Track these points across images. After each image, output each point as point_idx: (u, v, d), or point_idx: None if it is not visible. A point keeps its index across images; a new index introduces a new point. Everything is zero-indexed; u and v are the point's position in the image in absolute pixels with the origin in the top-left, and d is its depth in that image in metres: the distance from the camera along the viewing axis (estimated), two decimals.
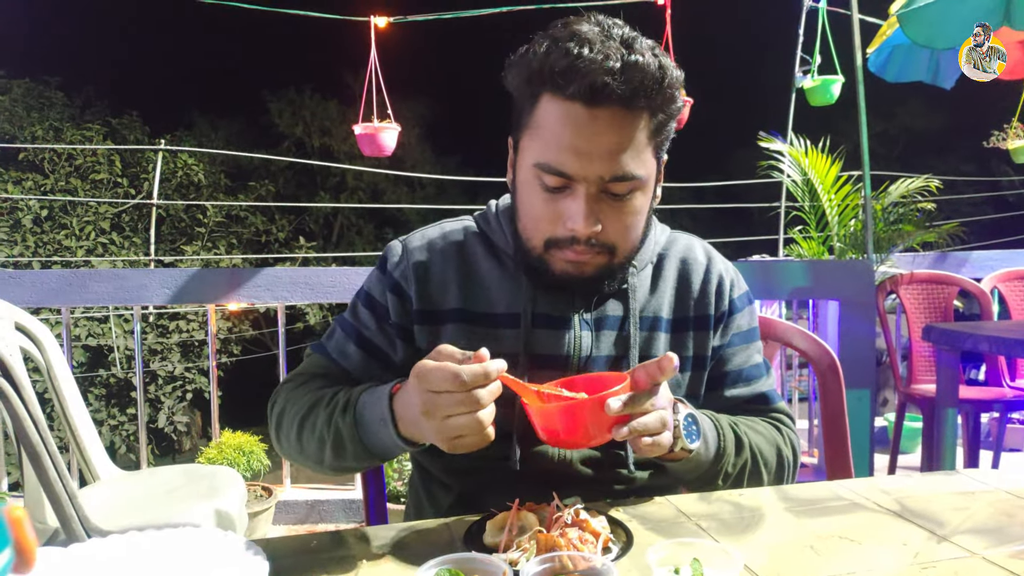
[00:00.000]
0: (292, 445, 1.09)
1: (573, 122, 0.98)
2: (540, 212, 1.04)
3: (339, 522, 3.61)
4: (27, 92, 11.11)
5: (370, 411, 0.98)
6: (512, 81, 1.05)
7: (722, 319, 1.20)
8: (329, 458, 1.04)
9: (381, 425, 0.96)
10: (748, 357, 1.22)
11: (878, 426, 4.35)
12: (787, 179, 4.77)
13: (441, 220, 1.26)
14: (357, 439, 0.99)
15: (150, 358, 9.52)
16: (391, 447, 0.97)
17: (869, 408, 3.32)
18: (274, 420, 1.14)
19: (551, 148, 1.00)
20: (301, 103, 15.93)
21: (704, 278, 1.20)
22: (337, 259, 14.41)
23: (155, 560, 0.80)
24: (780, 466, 1.16)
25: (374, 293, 1.19)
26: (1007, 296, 3.71)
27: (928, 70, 3.92)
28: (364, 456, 1.01)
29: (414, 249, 1.19)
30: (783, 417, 1.22)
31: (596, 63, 0.95)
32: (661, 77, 0.98)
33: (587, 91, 0.96)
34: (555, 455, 1.12)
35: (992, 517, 0.98)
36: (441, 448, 0.88)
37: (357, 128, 4.44)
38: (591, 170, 0.99)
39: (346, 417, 1.00)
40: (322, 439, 1.03)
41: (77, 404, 2.23)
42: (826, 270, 3.57)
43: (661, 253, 1.21)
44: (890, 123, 17.33)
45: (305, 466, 1.12)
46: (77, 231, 10.12)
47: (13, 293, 3.23)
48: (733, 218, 12.82)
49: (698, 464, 1.05)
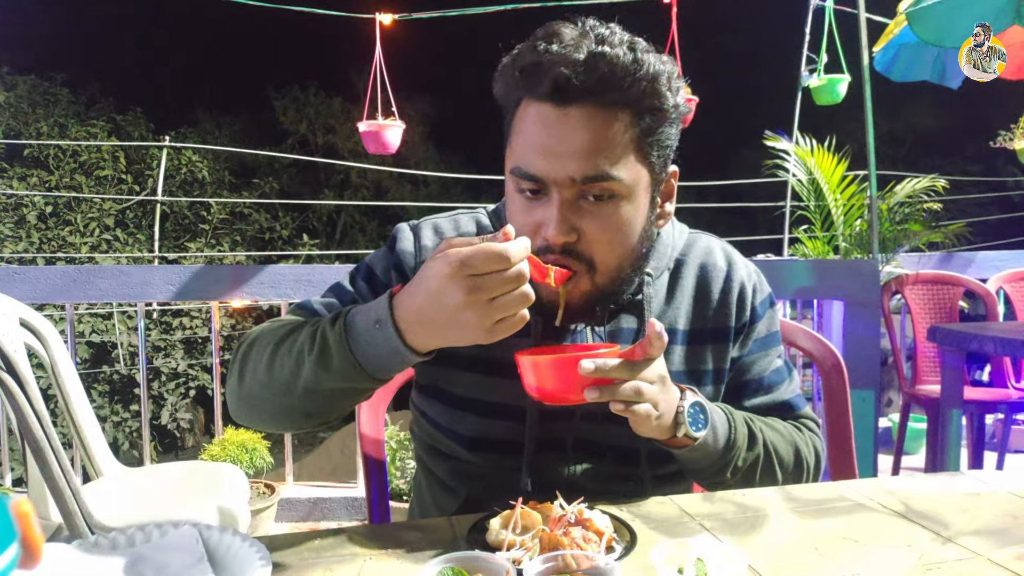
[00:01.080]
0: (260, 372, 0.97)
1: (543, 122, 0.94)
2: (521, 223, 0.98)
3: (341, 520, 3.62)
4: (32, 88, 11.15)
5: (363, 316, 0.90)
6: (498, 91, 1.02)
7: (743, 330, 1.15)
8: (305, 381, 0.92)
9: (377, 329, 0.87)
10: (768, 363, 1.18)
11: (882, 427, 4.35)
12: (792, 178, 4.76)
13: (454, 210, 1.22)
14: (346, 351, 0.89)
15: (154, 355, 9.54)
16: (388, 355, 0.88)
17: (873, 408, 3.32)
18: (242, 350, 1.03)
19: (524, 152, 0.96)
20: (305, 100, 15.96)
21: (724, 287, 1.15)
22: (340, 257, 14.41)
23: (157, 557, 0.80)
24: (798, 466, 1.13)
25: (376, 269, 1.15)
26: (1013, 297, 3.70)
27: (934, 69, 3.91)
28: (351, 374, 0.89)
29: (424, 234, 1.15)
30: (808, 422, 1.19)
31: (559, 57, 0.91)
32: (635, 70, 0.92)
33: (551, 88, 0.92)
34: (564, 472, 1.10)
35: (997, 519, 0.97)
36: (476, 339, 0.84)
37: (361, 125, 4.44)
38: (561, 171, 0.93)
39: (335, 326, 0.90)
40: (300, 357, 0.92)
41: (81, 400, 2.24)
42: (831, 270, 3.56)
43: (679, 259, 1.16)
44: (896, 123, 17.28)
45: (262, 407, 1.00)
46: (81, 227, 10.14)
47: (18, 289, 3.24)
48: (738, 217, 12.79)
49: (706, 454, 1.03)
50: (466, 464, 1.14)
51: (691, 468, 1.08)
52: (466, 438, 1.12)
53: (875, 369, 3.44)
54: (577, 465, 1.11)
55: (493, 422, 1.10)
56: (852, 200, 4.35)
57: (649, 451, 1.10)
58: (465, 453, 1.13)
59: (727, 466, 1.05)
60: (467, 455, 1.13)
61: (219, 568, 0.79)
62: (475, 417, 1.10)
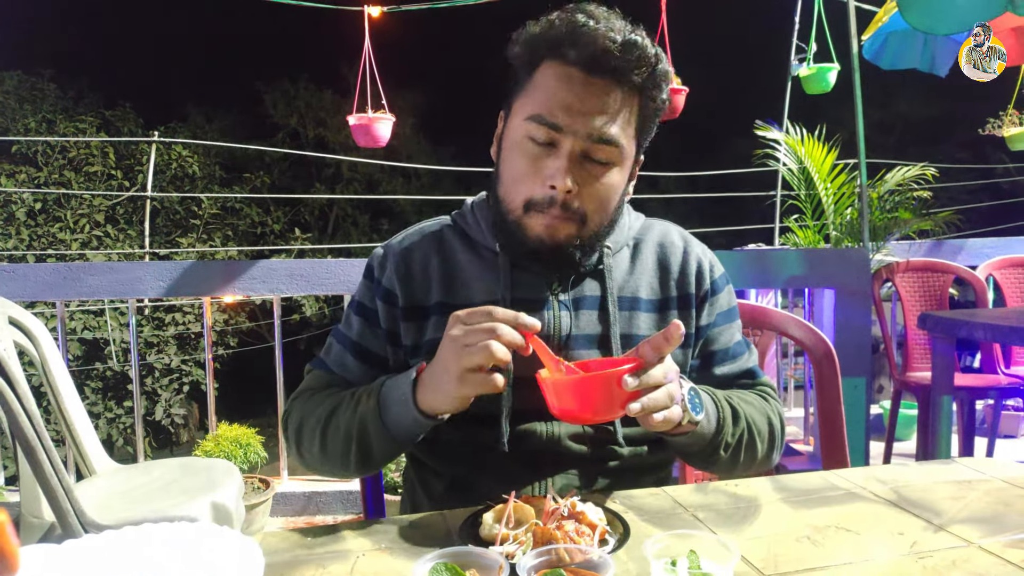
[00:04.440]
0: (316, 453, 1.12)
1: (570, 83, 1.05)
2: (523, 170, 1.09)
3: (336, 514, 3.62)
4: (19, 84, 11.03)
5: (393, 391, 1.04)
6: (515, 50, 1.11)
7: (705, 298, 1.23)
8: (355, 454, 1.07)
9: (402, 404, 1.01)
10: (732, 336, 1.26)
11: (873, 413, 4.37)
12: (783, 168, 4.77)
13: (420, 223, 1.30)
14: (379, 422, 1.04)
15: (146, 351, 9.51)
16: (410, 425, 1.02)
17: (865, 396, 3.34)
18: (293, 435, 1.16)
19: (546, 103, 1.06)
20: (296, 94, 15.86)
21: (683, 259, 1.24)
22: (333, 251, 14.37)
23: (150, 556, 0.80)
24: (771, 435, 1.19)
25: (364, 301, 1.23)
26: (1002, 284, 3.72)
27: (923, 57, 3.90)
28: (387, 441, 1.05)
29: (395, 251, 1.23)
30: (768, 389, 1.26)
31: (600, 32, 1.03)
32: (655, 63, 1.07)
33: (588, 58, 1.04)
34: (543, 434, 1.13)
35: (989, 506, 0.98)
36: (449, 387, 0.94)
37: (351, 119, 4.41)
38: (580, 126, 1.05)
39: (370, 400, 1.05)
40: (348, 434, 1.06)
41: (72, 398, 2.23)
42: (822, 259, 3.57)
43: (637, 238, 1.25)
44: (886, 111, 17.31)
45: (332, 474, 1.15)
46: (71, 224, 10.07)
47: (7, 287, 3.23)
48: (728, 207, 12.80)
49: (701, 436, 1.06)
50: (450, 446, 1.17)
51: (687, 451, 1.11)
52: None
53: (866, 357, 3.46)
54: (554, 426, 1.14)
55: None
56: (842, 189, 4.36)
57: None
58: (446, 428, 1.14)
59: (719, 445, 1.09)
60: (448, 430, 1.14)
61: (213, 567, 0.79)
62: None
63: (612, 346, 1.14)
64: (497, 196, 1.14)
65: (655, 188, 13.88)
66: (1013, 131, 5.09)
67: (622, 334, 1.16)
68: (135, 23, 18.89)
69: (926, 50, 3.86)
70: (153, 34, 19.22)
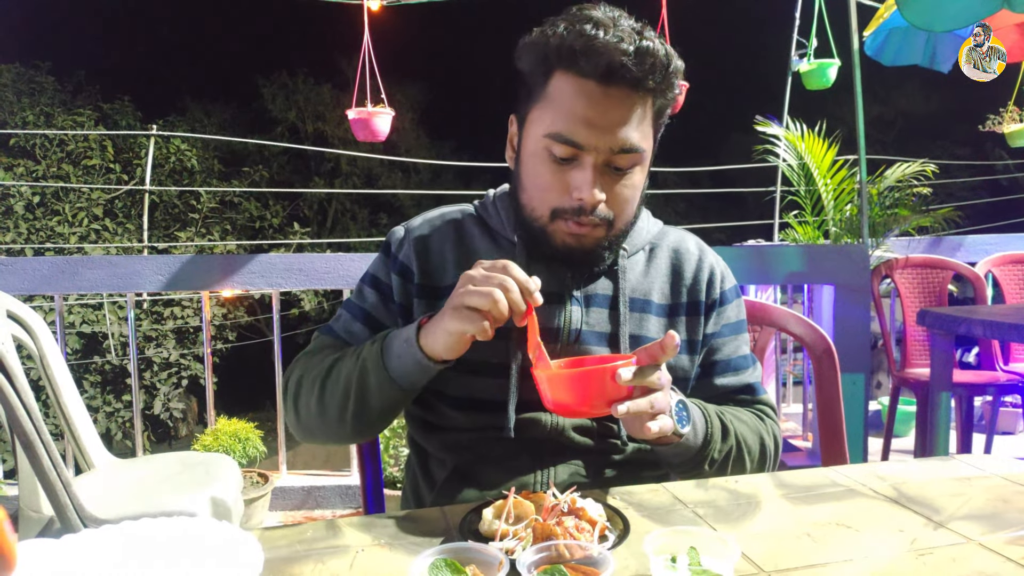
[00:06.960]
0: (313, 406, 1.12)
1: (587, 97, 1.05)
2: (547, 182, 1.10)
3: (335, 508, 3.62)
4: (17, 77, 11.00)
5: (398, 336, 1.06)
6: (525, 59, 1.11)
7: (713, 307, 1.24)
8: (353, 404, 1.08)
9: (405, 343, 1.03)
10: (737, 348, 1.26)
11: (872, 409, 4.38)
12: (783, 163, 4.76)
13: (441, 208, 1.31)
14: (381, 363, 1.05)
15: (145, 345, 9.49)
16: (412, 368, 1.03)
17: (864, 392, 3.34)
18: (292, 389, 1.17)
19: (564, 120, 1.06)
20: (294, 88, 15.84)
21: (696, 267, 1.24)
22: (331, 245, 14.37)
23: (149, 551, 0.80)
24: (763, 455, 1.19)
25: (379, 275, 1.24)
26: (1001, 280, 3.72)
27: (924, 54, 3.90)
28: (387, 385, 1.05)
29: (415, 230, 1.25)
30: (767, 409, 1.26)
31: (612, 45, 1.02)
32: (667, 64, 1.07)
33: (603, 70, 1.03)
34: (548, 423, 1.15)
35: (989, 503, 0.98)
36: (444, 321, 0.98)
37: (351, 113, 4.40)
38: (602, 141, 1.06)
39: (374, 345, 1.07)
40: (348, 382, 1.08)
41: (71, 392, 2.22)
42: (821, 255, 3.57)
43: (653, 243, 1.26)
44: (886, 107, 17.31)
45: (325, 434, 1.16)
46: (70, 217, 10.05)
47: (5, 281, 3.22)
48: (728, 202, 12.81)
49: (686, 449, 1.08)
50: (454, 433, 1.19)
51: (671, 462, 1.13)
52: (451, 398, 1.18)
53: (865, 353, 3.46)
54: (559, 417, 1.16)
55: (476, 379, 1.15)
56: (842, 185, 4.35)
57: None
58: (452, 413, 1.18)
59: (705, 459, 1.10)
60: (454, 416, 1.18)
61: (212, 561, 0.79)
62: (459, 375, 1.14)
63: (621, 345, 1.15)
64: (520, 201, 1.15)
65: (654, 183, 13.78)
66: (1013, 128, 5.09)
67: (631, 335, 1.17)
68: (133, 16, 18.83)
69: (927, 46, 3.86)
70: (152, 27, 19.16)
